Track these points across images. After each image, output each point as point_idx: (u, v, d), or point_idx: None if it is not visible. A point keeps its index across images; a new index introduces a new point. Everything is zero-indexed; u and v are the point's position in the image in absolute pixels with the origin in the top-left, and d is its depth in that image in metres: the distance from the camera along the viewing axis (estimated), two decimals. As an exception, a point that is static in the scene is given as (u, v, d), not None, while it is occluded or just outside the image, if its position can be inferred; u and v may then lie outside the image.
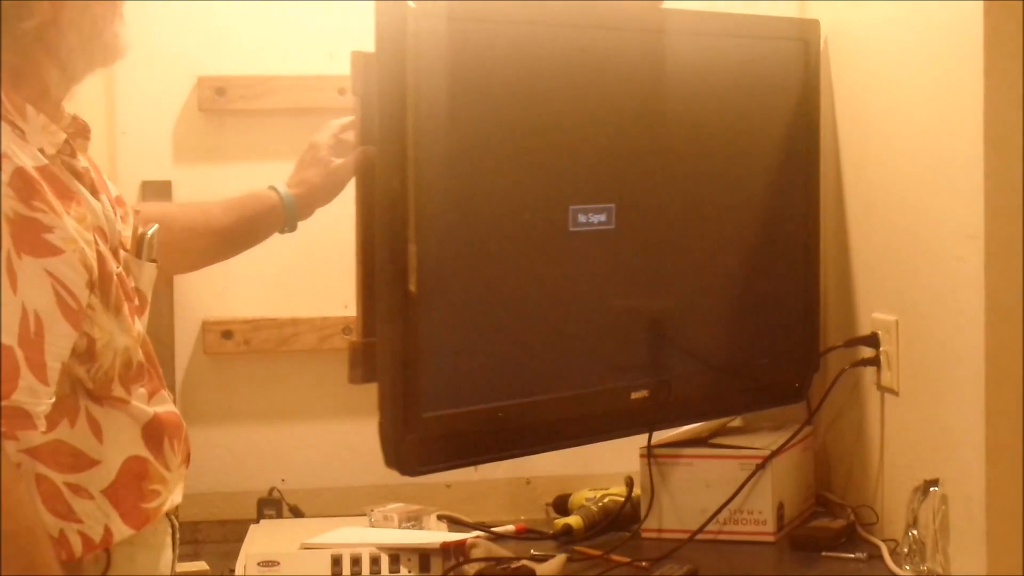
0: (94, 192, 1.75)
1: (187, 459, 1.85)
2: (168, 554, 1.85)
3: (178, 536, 1.88)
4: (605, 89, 2.15)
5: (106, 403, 1.73)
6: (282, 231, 2.16)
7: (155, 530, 1.81)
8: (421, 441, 1.99)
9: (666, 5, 2.38)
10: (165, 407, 1.81)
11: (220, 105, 2.44)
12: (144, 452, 1.77)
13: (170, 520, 1.85)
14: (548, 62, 2.09)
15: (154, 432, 1.78)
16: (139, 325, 1.80)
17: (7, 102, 1.66)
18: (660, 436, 2.39)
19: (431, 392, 1.98)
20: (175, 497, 1.82)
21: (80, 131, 1.78)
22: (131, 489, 1.75)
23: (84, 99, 1.86)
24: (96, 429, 1.73)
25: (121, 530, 1.73)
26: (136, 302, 1.80)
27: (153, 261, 1.84)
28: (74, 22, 1.72)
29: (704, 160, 2.30)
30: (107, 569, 1.73)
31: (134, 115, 2.44)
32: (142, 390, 1.78)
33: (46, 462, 1.68)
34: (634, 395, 2.21)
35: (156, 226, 1.85)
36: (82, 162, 1.76)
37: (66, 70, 1.74)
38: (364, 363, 2.01)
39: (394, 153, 1.93)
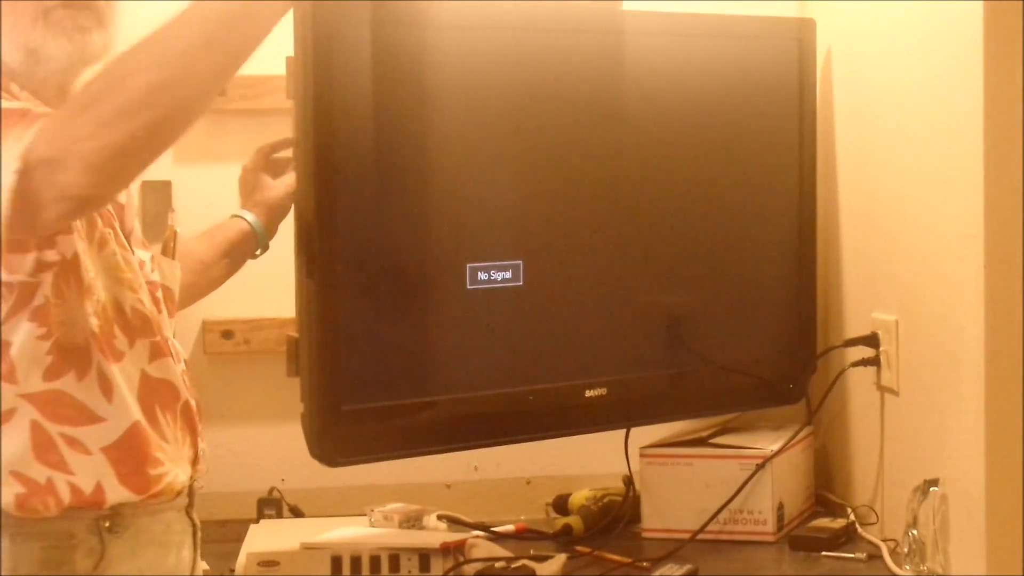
0: None
1: (192, 435, 1.82)
2: (186, 554, 1.83)
3: (200, 535, 1.86)
4: (542, 91, 2.15)
5: (118, 360, 1.73)
6: (256, 256, 2.17)
7: (168, 528, 1.79)
8: (346, 433, 2.00)
9: (665, 6, 2.38)
10: (164, 375, 1.79)
11: (220, 105, 2.43)
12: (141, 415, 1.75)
13: (190, 518, 1.83)
14: (482, 66, 2.09)
15: (147, 394, 1.76)
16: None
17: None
18: (659, 436, 2.40)
19: (350, 386, 1.99)
20: (180, 474, 1.78)
21: None
22: (135, 453, 1.73)
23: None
24: (107, 388, 1.71)
25: (117, 491, 1.71)
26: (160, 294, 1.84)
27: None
28: None
29: (693, 159, 2.30)
30: (100, 561, 1.71)
31: (134, 115, 2.44)
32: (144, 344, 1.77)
33: (43, 411, 1.67)
34: (589, 393, 2.19)
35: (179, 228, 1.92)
36: None
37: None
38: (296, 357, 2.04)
39: (308, 154, 1.94)
